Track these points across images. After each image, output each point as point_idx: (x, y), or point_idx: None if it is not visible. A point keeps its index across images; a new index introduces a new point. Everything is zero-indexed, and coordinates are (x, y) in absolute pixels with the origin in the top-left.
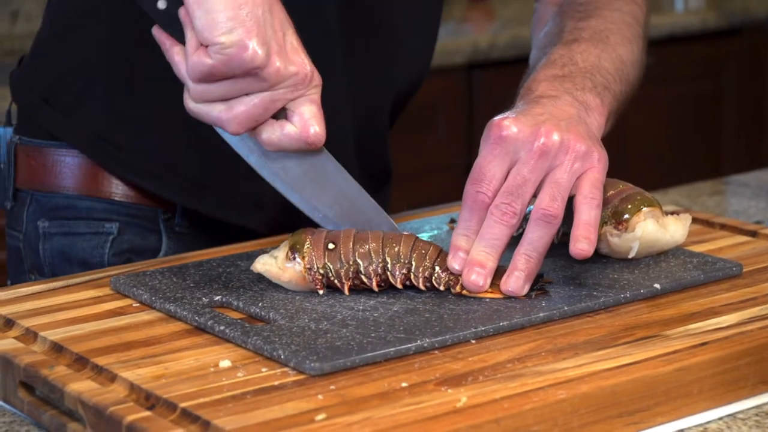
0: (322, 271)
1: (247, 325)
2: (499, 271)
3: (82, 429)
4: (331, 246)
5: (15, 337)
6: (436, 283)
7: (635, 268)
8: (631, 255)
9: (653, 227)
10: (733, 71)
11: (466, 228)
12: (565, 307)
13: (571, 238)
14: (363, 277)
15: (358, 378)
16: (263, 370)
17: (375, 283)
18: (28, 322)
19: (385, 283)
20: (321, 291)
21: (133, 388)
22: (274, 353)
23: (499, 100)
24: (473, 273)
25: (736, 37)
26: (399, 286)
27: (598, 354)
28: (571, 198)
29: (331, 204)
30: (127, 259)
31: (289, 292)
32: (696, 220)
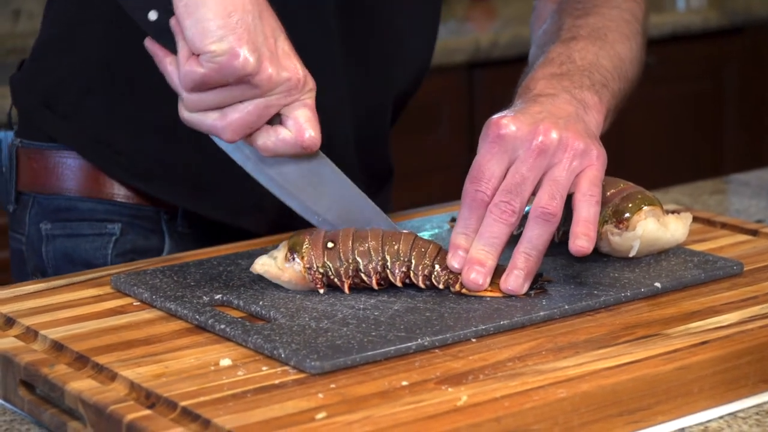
0: (321, 270)
1: (247, 323)
2: (498, 270)
3: (82, 428)
4: (330, 245)
5: (15, 336)
6: (435, 282)
7: (636, 267)
8: (631, 254)
9: (654, 226)
10: (734, 70)
11: (465, 226)
12: (566, 306)
13: (570, 235)
14: (363, 275)
15: (358, 377)
16: (264, 368)
17: (375, 281)
18: (29, 321)
19: (385, 282)
20: (322, 290)
21: (133, 386)
22: (275, 352)
23: (500, 100)
24: (473, 271)
25: (737, 36)
26: (399, 284)
27: (599, 353)
28: (570, 196)
29: (329, 207)
30: (130, 259)
31: (290, 291)
32: (697, 219)
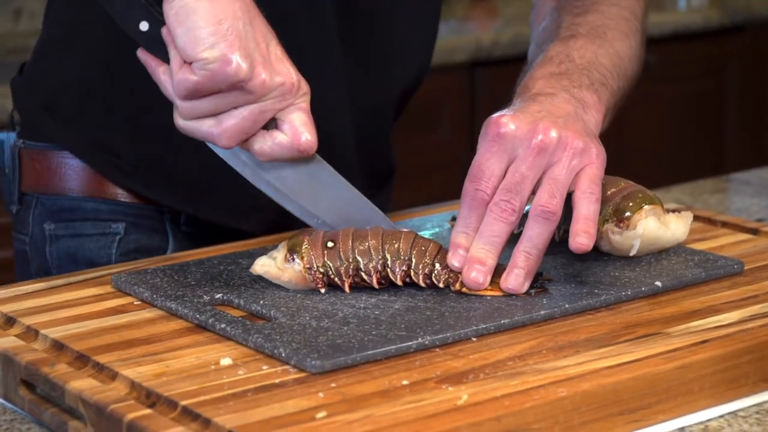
0: (322, 269)
1: (248, 323)
2: (498, 270)
3: (82, 427)
4: (330, 244)
5: (16, 335)
6: (435, 281)
7: (636, 266)
8: (632, 253)
9: (654, 225)
10: (735, 69)
11: (465, 225)
12: (566, 305)
13: (570, 232)
14: (363, 274)
15: (358, 376)
16: (264, 367)
17: (375, 280)
18: (29, 320)
19: (385, 281)
20: (323, 290)
21: (133, 386)
22: (275, 351)
23: (501, 99)
24: (473, 270)
25: (738, 35)
26: (399, 283)
27: (599, 352)
28: (570, 195)
29: (328, 209)
30: (133, 258)
31: (290, 290)
32: (697, 218)
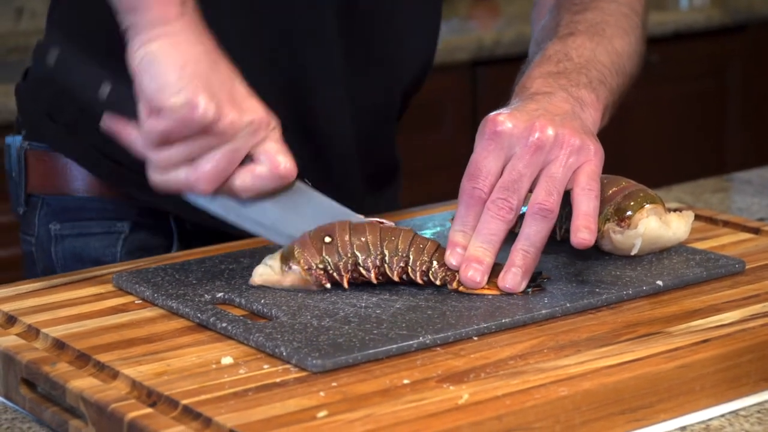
0: (321, 266)
1: (249, 322)
2: (496, 269)
3: (83, 426)
4: (328, 239)
5: (17, 334)
6: (432, 278)
7: (638, 265)
8: (633, 252)
9: (656, 224)
10: (737, 69)
11: (463, 224)
12: (567, 304)
13: (571, 229)
14: (362, 269)
15: (359, 375)
16: (265, 367)
17: (374, 275)
18: (30, 319)
19: (383, 276)
20: (327, 285)
21: (134, 385)
22: (276, 350)
23: (503, 98)
24: (470, 269)
25: (740, 34)
26: (396, 279)
27: (600, 351)
28: (568, 194)
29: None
30: (138, 257)
31: (291, 290)
32: (699, 217)
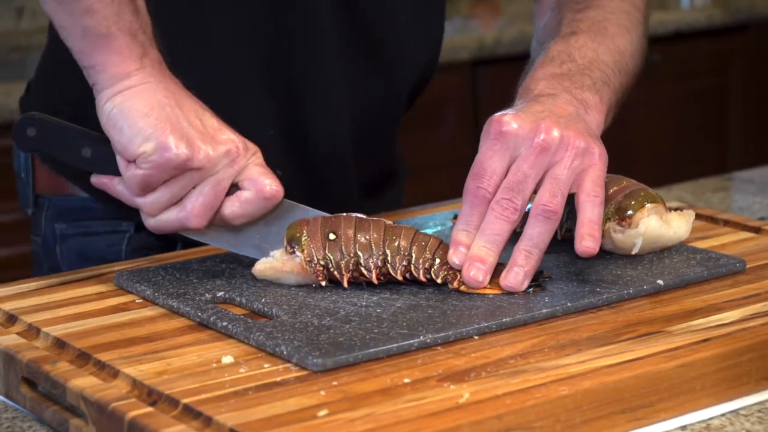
0: (322, 262)
1: (249, 321)
2: (497, 269)
3: (84, 425)
4: (332, 237)
5: (17, 333)
6: (434, 276)
7: (638, 264)
8: (634, 251)
9: (656, 223)
10: (738, 68)
11: (466, 223)
12: (568, 303)
13: (575, 236)
14: (363, 269)
15: (360, 374)
16: (266, 366)
17: (375, 276)
18: (31, 318)
19: (384, 277)
20: (323, 282)
21: (135, 384)
22: (277, 349)
23: (504, 97)
24: (473, 268)
25: (741, 33)
26: (399, 278)
27: (601, 350)
28: (572, 195)
29: None
30: (144, 255)
31: (292, 288)
32: (700, 216)
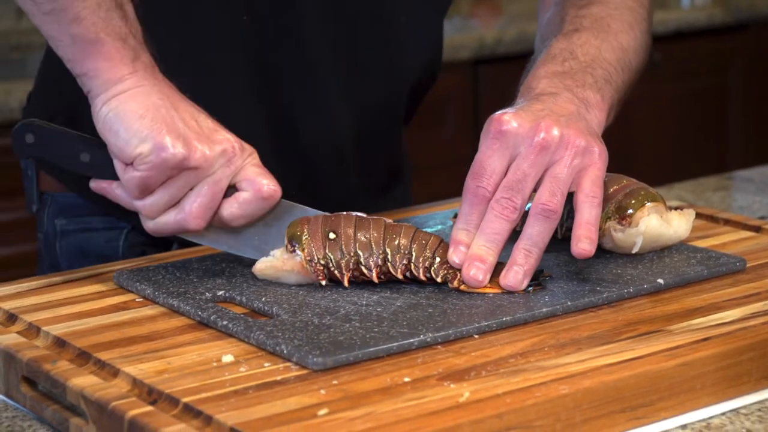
0: (323, 261)
1: (250, 320)
2: (497, 268)
3: (84, 424)
4: (332, 236)
5: (18, 332)
6: (434, 274)
7: (639, 263)
8: (634, 250)
9: (657, 222)
10: (739, 67)
11: (466, 222)
12: (568, 302)
13: (572, 237)
14: (363, 268)
15: (360, 373)
16: (266, 365)
17: (375, 275)
18: (31, 317)
19: (385, 276)
20: (323, 282)
21: (135, 383)
22: (277, 348)
23: (505, 96)
24: (473, 268)
25: (742, 33)
26: (399, 277)
27: (601, 349)
28: (571, 193)
29: None
30: (141, 251)
31: (292, 287)
32: (700, 216)
